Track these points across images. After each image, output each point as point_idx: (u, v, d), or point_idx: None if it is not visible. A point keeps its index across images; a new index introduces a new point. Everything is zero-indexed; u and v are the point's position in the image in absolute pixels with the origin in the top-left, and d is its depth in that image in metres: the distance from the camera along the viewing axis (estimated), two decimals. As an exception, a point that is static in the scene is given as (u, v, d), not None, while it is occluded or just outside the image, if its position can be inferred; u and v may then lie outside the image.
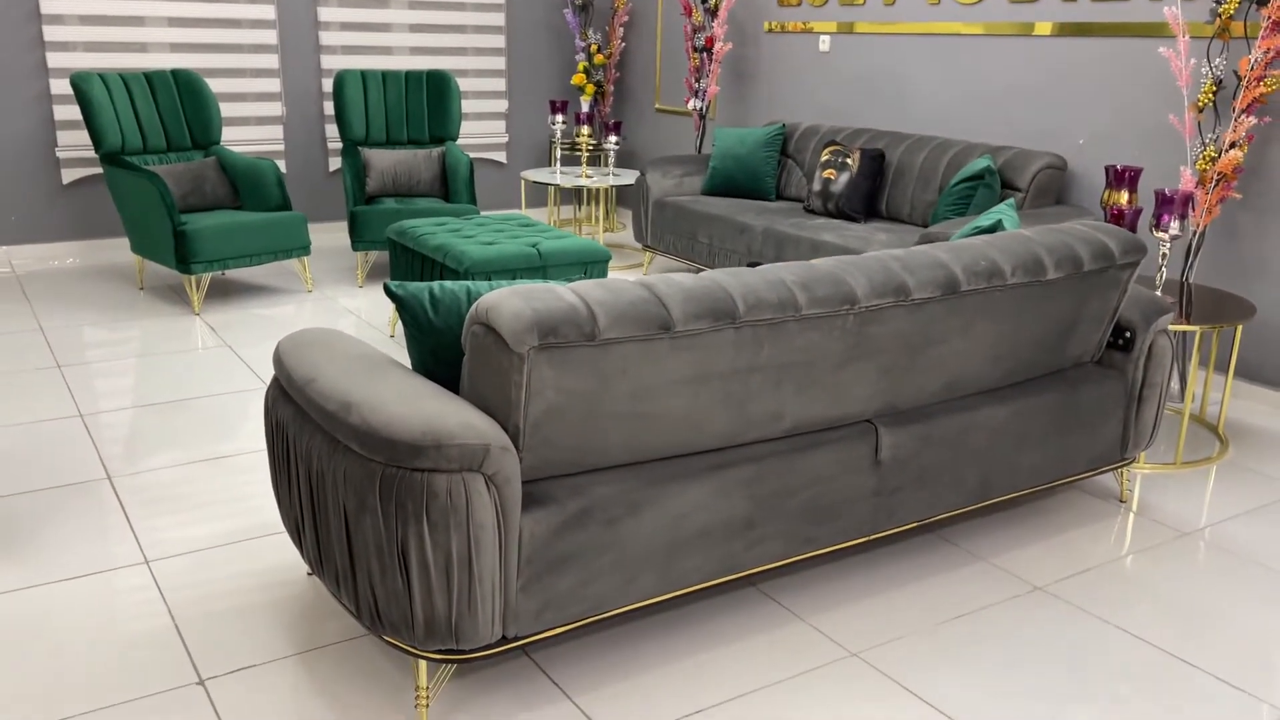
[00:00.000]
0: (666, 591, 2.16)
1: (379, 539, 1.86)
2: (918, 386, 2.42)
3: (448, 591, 1.86)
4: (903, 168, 4.83)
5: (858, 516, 2.39)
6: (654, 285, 2.01)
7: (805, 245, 4.56)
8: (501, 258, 3.81)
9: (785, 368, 2.15)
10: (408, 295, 2.12)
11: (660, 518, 2.08)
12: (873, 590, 2.51)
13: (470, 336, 1.94)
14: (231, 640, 2.25)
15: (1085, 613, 2.44)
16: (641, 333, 1.93)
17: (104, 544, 2.65)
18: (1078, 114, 4.35)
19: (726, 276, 2.10)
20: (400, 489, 1.81)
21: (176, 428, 3.41)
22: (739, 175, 5.42)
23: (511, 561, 1.92)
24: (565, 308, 1.88)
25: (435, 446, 1.79)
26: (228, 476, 3.06)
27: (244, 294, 5.09)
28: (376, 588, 1.90)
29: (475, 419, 1.86)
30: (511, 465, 1.87)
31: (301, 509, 2.13)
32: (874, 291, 2.20)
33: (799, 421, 2.26)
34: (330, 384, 2.00)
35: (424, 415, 1.84)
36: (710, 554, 2.18)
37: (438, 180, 5.56)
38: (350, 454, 1.89)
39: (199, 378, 3.89)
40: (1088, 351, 2.79)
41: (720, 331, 2.02)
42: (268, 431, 2.28)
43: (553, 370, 1.88)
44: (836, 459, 2.30)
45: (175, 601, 2.39)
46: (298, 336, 2.29)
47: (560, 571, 1.98)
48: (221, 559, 2.59)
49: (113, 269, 5.51)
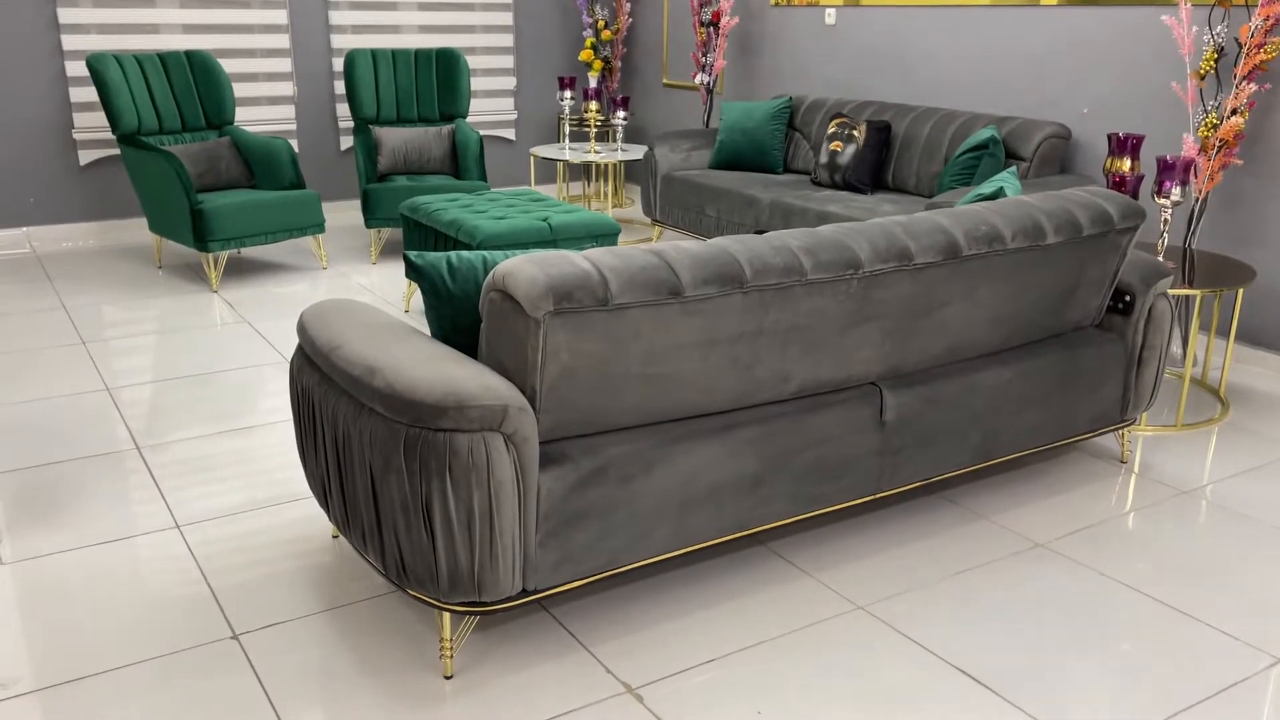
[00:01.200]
0: (679, 547, 2.24)
1: (404, 496, 1.95)
2: (921, 349, 2.49)
3: (470, 545, 1.95)
4: (909, 139, 4.88)
5: (863, 475, 2.47)
6: (663, 252, 2.08)
7: (812, 217, 4.62)
8: (513, 232, 3.88)
9: (791, 331, 2.22)
10: (426, 264, 2.19)
11: (672, 476, 2.16)
12: (878, 547, 2.60)
13: (488, 303, 2.02)
14: (262, 599, 2.35)
15: (1086, 568, 2.52)
16: (652, 297, 2.00)
17: (136, 510, 2.75)
18: (1081, 83, 4.39)
19: (733, 243, 2.17)
20: (424, 448, 1.90)
21: (200, 401, 3.51)
22: (746, 149, 5.47)
23: (530, 517, 2.01)
24: (579, 274, 1.96)
25: (457, 408, 1.87)
26: (252, 447, 3.16)
27: (260, 271, 5.18)
28: (402, 543, 1.99)
29: (494, 381, 1.94)
30: (529, 425, 1.95)
31: (328, 471, 2.22)
32: (877, 256, 2.27)
33: (805, 383, 2.34)
34: (355, 350, 2.08)
35: (446, 378, 1.92)
36: (720, 511, 2.27)
37: (448, 157, 5.63)
38: (375, 416, 1.98)
39: (219, 353, 3.99)
40: (1088, 315, 2.85)
41: (728, 296, 2.09)
42: (293, 398, 2.36)
43: (567, 334, 1.96)
44: (842, 419, 2.38)
45: (207, 564, 2.49)
46: (321, 305, 2.38)
47: (577, 526, 2.07)
48: (250, 525, 2.69)
49: (131, 248, 5.61)
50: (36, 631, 2.22)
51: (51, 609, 2.30)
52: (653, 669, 2.13)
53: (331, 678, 2.09)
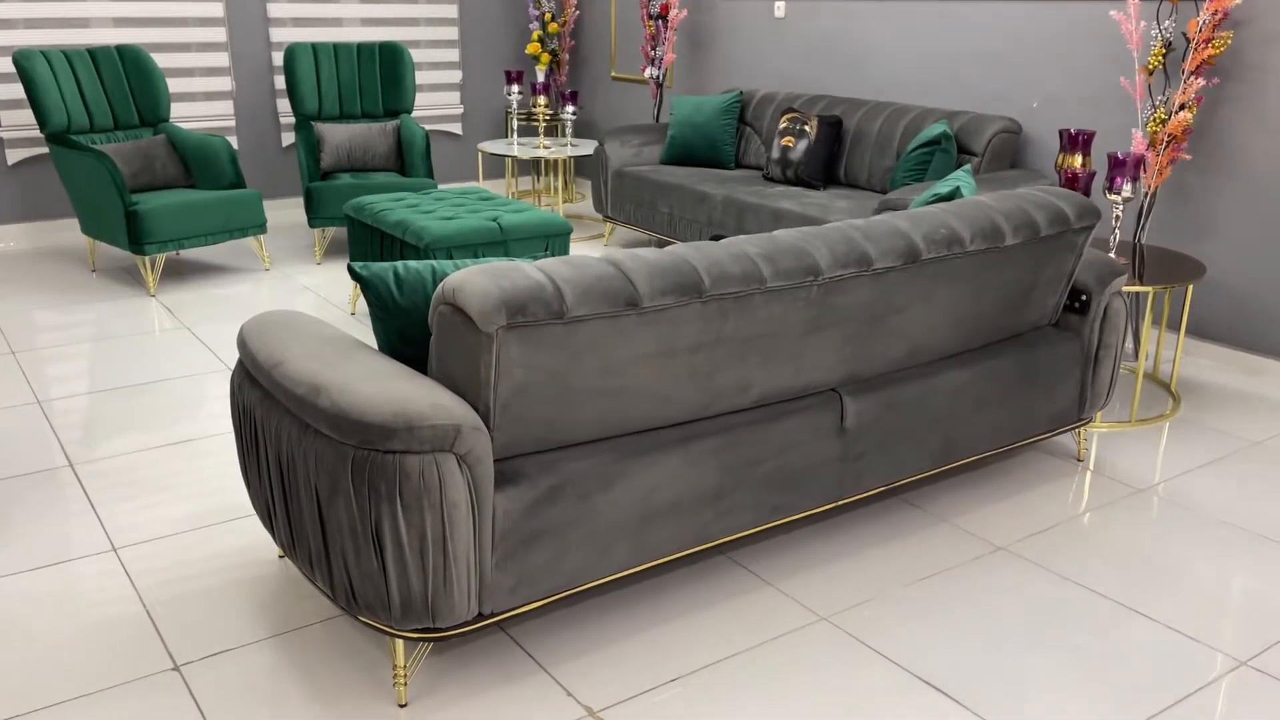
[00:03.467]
0: (639, 563, 2.18)
1: (352, 521, 1.86)
2: (880, 354, 2.45)
3: (423, 571, 1.87)
4: (860, 134, 4.86)
5: (824, 483, 2.43)
6: (620, 261, 2.02)
7: (765, 214, 4.58)
8: (462, 233, 3.79)
9: (751, 340, 2.17)
10: (372, 276, 2.11)
11: (632, 491, 2.10)
12: (840, 554, 2.56)
13: (437, 317, 1.94)
14: (205, 625, 2.25)
15: (1045, 570, 2.51)
16: (609, 309, 1.94)
17: (69, 532, 2.62)
18: (1031, 77, 4.40)
19: (691, 250, 2.11)
20: (372, 471, 1.82)
21: (136, 412, 3.38)
22: (698, 144, 5.42)
23: (485, 539, 1.93)
24: (532, 286, 1.88)
25: (407, 428, 1.80)
26: (191, 460, 3.04)
27: (200, 273, 5.02)
28: (351, 569, 1.91)
29: (445, 399, 1.87)
30: (483, 444, 1.88)
31: (272, 492, 2.13)
32: (837, 262, 2.22)
33: (766, 392, 2.29)
34: (298, 367, 1.99)
35: (394, 397, 1.84)
36: (681, 525, 2.21)
37: (393, 154, 5.50)
38: (321, 437, 1.89)
39: (157, 361, 3.85)
40: (1045, 315, 2.84)
41: (687, 306, 2.03)
42: (234, 415, 2.26)
43: (521, 349, 1.89)
44: (802, 427, 2.34)
45: (145, 588, 2.38)
46: (262, 318, 2.28)
47: (534, 547, 2.00)
48: (189, 543, 2.58)
49: (63, 251, 5.41)
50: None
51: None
52: (615, 690, 2.07)
53: (280, 709, 2.00)
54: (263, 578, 2.43)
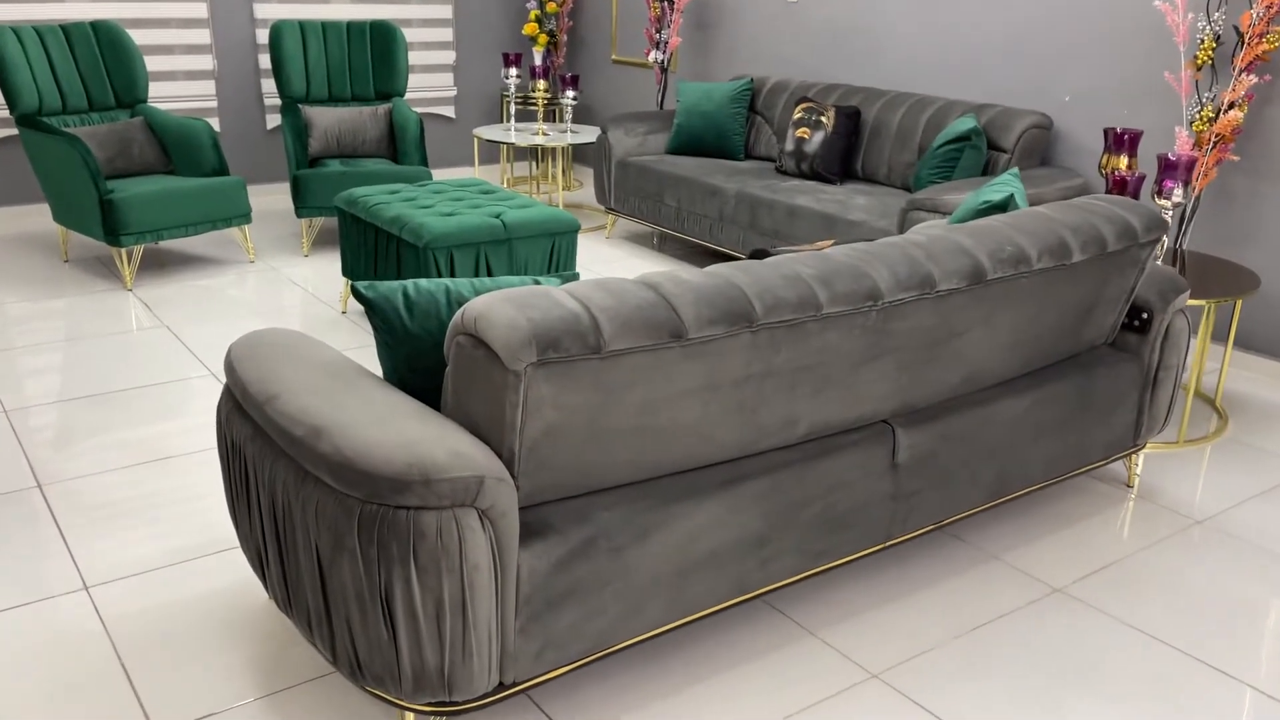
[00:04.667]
0: (673, 621, 1.96)
1: (359, 584, 1.63)
2: (936, 381, 2.23)
3: (439, 640, 1.64)
4: (879, 126, 4.62)
5: (873, 524, 2.21)
6: (661, 286, 1.78)
7: (780, 209, 4.34)
8: (463, 230, 3.54)
9: (801, 370, 1.94)
10: (379, 297, 1.86)
11: (669, 542, 1.88)
12: (887, 599, 2.35)
13: (455, 348, 1.70)
14: (187, 683, 2.01)
15: (1106, 615, 2.30)
16: (651, 341, 1.71)
17: (37, 567, 2.38)
18: (1064, 69, 4.17)
19: (739, 273, 1.88)
20: (382, 529, 1.58)
21: (112, 424, 3.12)
22: (706, 133, 5.17)
23: (509, 602, 1.71)
24: (566, 316, 1.65)
25: (423, 481, 1.56)
26: (172, 480, 2.79)
27: (181, 265, 4.75)
28: (357, 637, 1.68)
29: (465, 445, 1.63)
30: (508, 497, 1.65)
31: (264, 540, 1.89)
32: (898, 285, 1.99)
33: (814, 426, 2.06)
34: (295, 402, 1.75)
35: (407, 443, 1.60)
36: (721, 576, 1.99)
37: (385, 139, 5.23)
38: (322, 486, 1.65)
39: (134, 364, 3.58)
40: (1102, 334, 2.63)
41: (735, 336, 1.80)
42: (221, 449, 2.02)
43: (552, 387, 1.65)
44: (852, 464, 2.12)
45: (120, 635, 2.14)
46: (253, 340, 2.03)
47: (561, 608, 1.78)
48: (170, 580, 2.34)
49: (34, 238, 5.11)
50: (-88, 736, 1.86)
51: (-68, 704, 1.94)
52: (649, 765, 1.85)
53: (273, 789, 1.77)
54: (252, 621, 2.19)
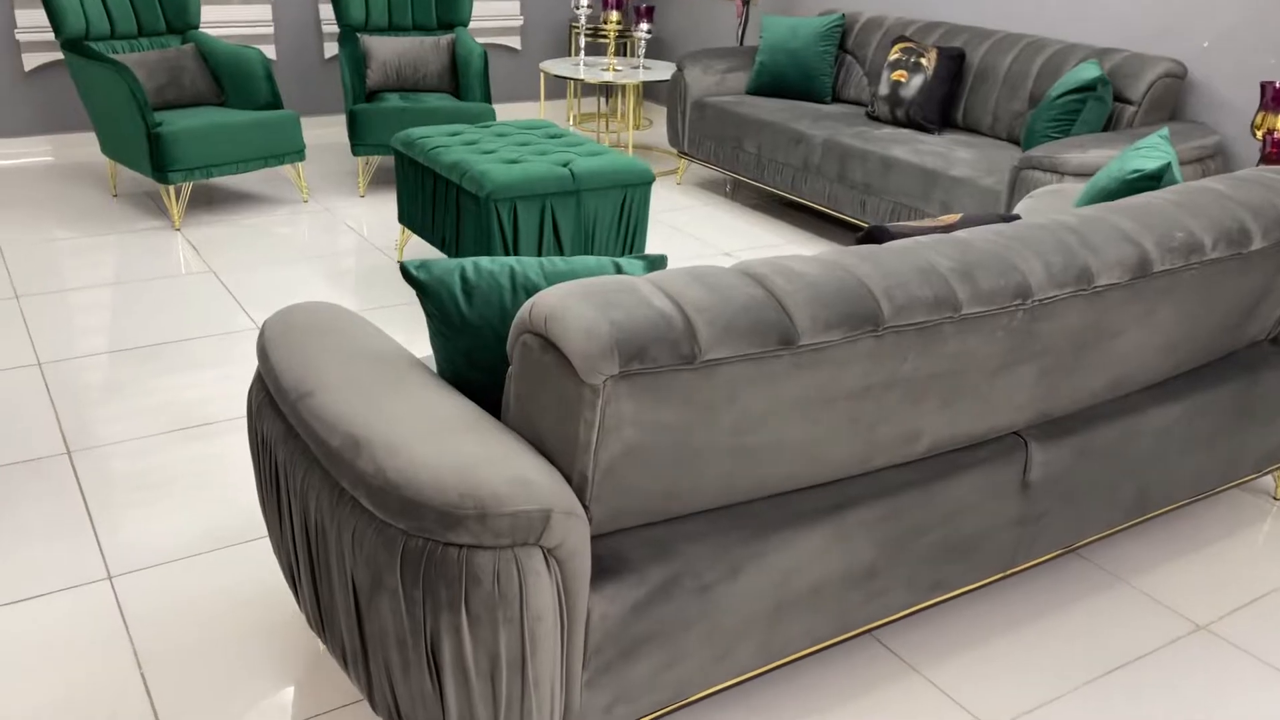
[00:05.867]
0: (765, 665, 1.69)
1: (400, 629, 1.37)
2: (1078, 388, 1.90)
3: (492, 701, 1.38)
4: (986, 70, 4.19)
5: (995, 551, 1.91)
6: (769, 280, 1.47)
7: (873, 161, 3.96)
8: (528, 180, 3.23)
9: (930, 380, 1.63)
10: (433, 281, 1.58)
11: (765, 577, 1.60)
12: (1003, 630, 2.05)
13: (521, 349, 1.41)
14: (212, 705, 1.80)
15: (1262, 663, 1.99)
16: (756, 348, 1.40)
17: (60, 551, 2.17)
18: (1202, 9, 3.70)
19: (861, 263, 1.56)
20: (429, 569, 1.32)
21: (150, 381, 2.91)
22: (790, 73, 4.76)
23: (576, 654, 1.44)
24: (655, 320, 1.35)
25: (478, 516, 1.29)
26: (210, 450, 2.57)
27: (230, 204, 4.51)
28: (397, 685, 1.43)
29: (530, 471, 1.35)
30: (579, 534, 1.37)
31: (296, 555, 1.64)
32: (1051, 280, 1.66)
33: (937, 442, 1.75)
34: (333, 404, 1.48)
35: (461, 466, 1.33)
36: (821, 614, 1.71)
37: (447, 73, 4.91)
38: (361, 510, 1.39)
39: (177, 314, 3.37)
40: (1265, 329, 2.26)
41: (856, 342, 1.49)
42: (252, 441, 1.77)
43: (635, 403, 1.36)
44: (977, 485, 1.81)
45: (144, 642, 1.93)
46: (289, 318, 1.76)
47: (636, 657, 1.51)
48: (200, 572, 2.12)
49: (85, 169, 4.91)
50: (-92, 755, 1.67)
51: (-67, 715, 1.75)
52: (732, 834, 1.60)
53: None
54: (283, 630, 1.97)
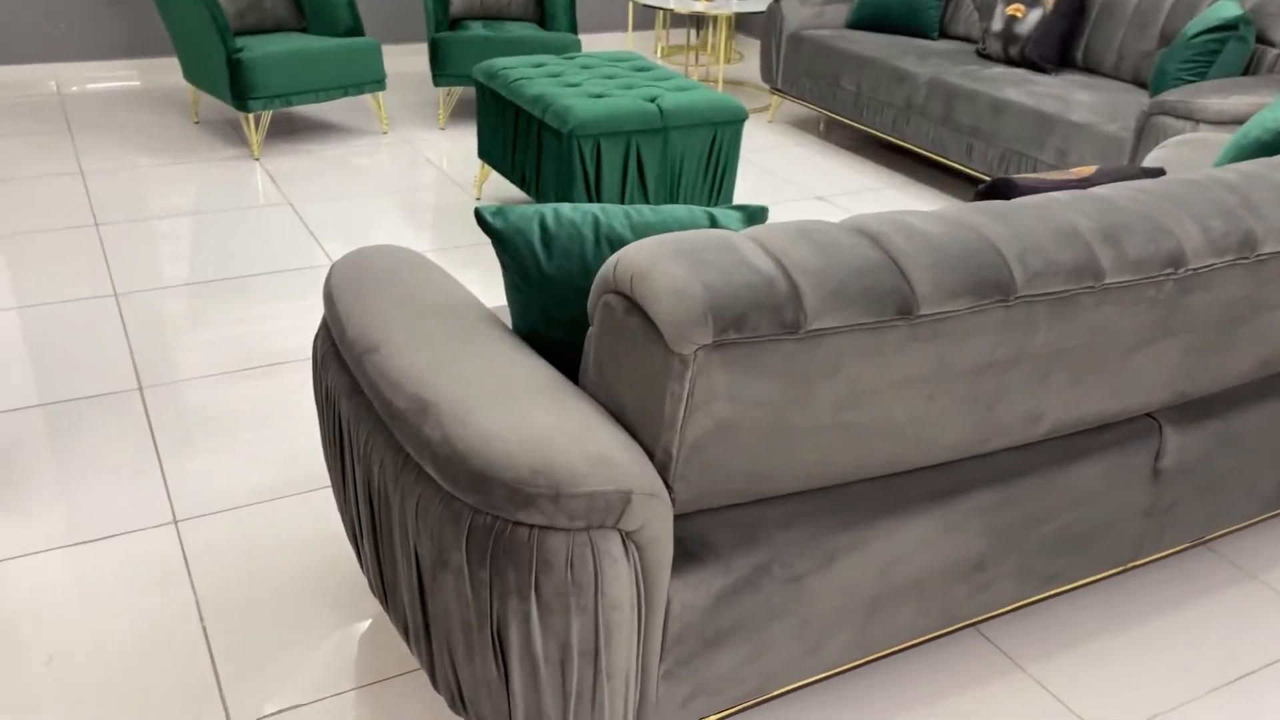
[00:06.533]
0: (857, 659, 1.55)
1: (464, 611, 1.27)
2: (1223, 367, 1.69)
3: (562, 692, 1.27)
4: (1111, 5, 3.86)
5: (1118, 543, 1.73)
6: (886, 239, 1.30)
7: (983, 103, 3.69)
8: (614, 116, 3.06)
9: (1061, 355, 1.44)
10: (509, 229, 1.44)
11: (862, 568, 1.45)
12: (1118, 626, 1.88)
13: (603, 309, 1.27)
14: (274, 660, 1.73)
15: None
16: (870, 318, 1.24)
17: (124, 492, 2.12)
18: (1366, -59, 3.32)
19: (990, 221, 1.37)
20: (497, 549, 1.20)
21: (225, 318, 2.85)
22: (895, 6, 4.47)
23: (653, 645, 1.32)
24: (755, 282, 1.19)
25: (551, 495, 1.16)
26: (283, 391, 2.50)
27: (310, 133, 4.43)
28: (460, 669, 1.33)
29: (610, 446, 1.22)
30: (661, 518, 1.24)
31: (359, 518, 1.55)
32: (1209, 246, 1.45)
33: (1061, 423, 1.57)
34: (399, 362, 1.36)
35: (535, 439, 1.20)
36: (921, 607, 1.56)
37: (532, 1, 4.72)
38: (426, 479, 1.28)
39: (255, 246, 3.30)
40: None
41: (984, 312, 1.31)
42: (317, 392, 1.67)
43: (729, 375, 1.21)
44: (1104, 471, 1.62)
45: (207, 594, 1.87)
46: (358, 262, 1.65)
47: (719, 649, 1.38)
48: (267, 521, 2.05)
49: (169, 94, 4.87)
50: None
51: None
52: (815, 840, 1.48)
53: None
54: (350, 587, 1.89)
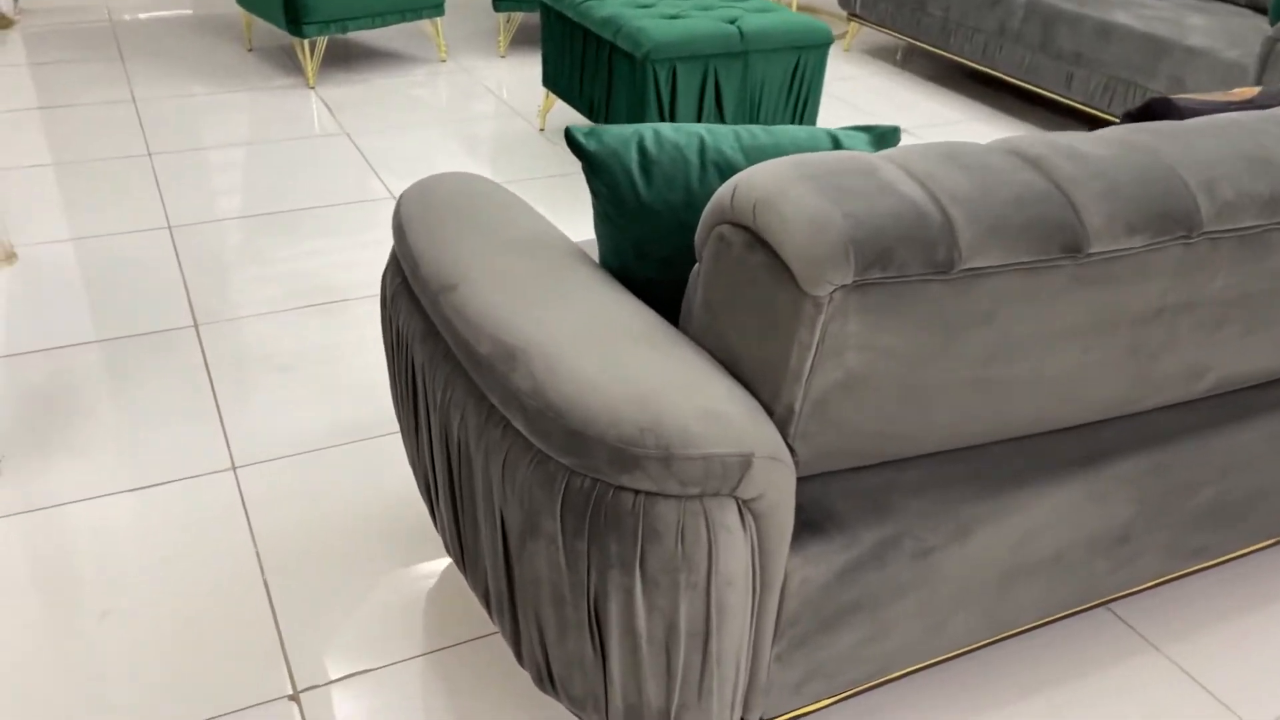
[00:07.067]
0: (984, 639, 1.39)
1: (558, 583, 1.12)
2: None
3: (666, 676, 1.13)
4: (1230, -82, 3.54)
5: (1272, 514, 1.54)
6: (1048, 162, 1.11)
7: (1087, 27, 3.42)
8: (691, 39, 2.86)
9: (1238, 301, 1.25)
10: (604, 152, 1.27)
11: (998, 541, 1.28)
12: (1262, 602, 1.70)
13: (716, 244, 1.10)
14: (340, 618, 1.62)
15: None
16: (1031, 256, 1.06)
17: (180, 434, 2.02)
18: None
19: (1166, 143, 1.17)
20: (597, 517, 1.05)
21: (282, 250, 2.72)
22: (985, -78, 4.16)
23: (767, 625, 1.17)
24: (904, 213, 1.02)
25: (661, 458, 1.01)
26: (343, 329, 2.38)
27: (366, 61, 4.26)
28: (550, 646, 1.19)
29: (726, 401, 1.06)
30: (783, 484, 1.08)
31: (434, 473, 1.41)
32: None
33: (1226, 378, 1.38)
34: (481, 301, 1.21)
35: (641, 392, 1.04)
36: (1057, 583, 1.39)
37: (597, -80, 4.47)
38: (514, 435, 1.13)
39: (310, 178, 3.16)
40: None
41: (1161, 250, 1.12)
42: (386, 335, 1.53)
43: (866, 321, 1.04)
44: (1269, 432, 1.44)
45: (267, 543, 1.76)
46: (429, 190, 1.49)
47: (838, 629, 1.23)
48: (329, 467, 1.93)
49: (222, 22, 4.72)
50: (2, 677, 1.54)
51: (27, 616, 1.61)
52: (934, 836, 1.33)
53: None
54: (419, 543, 1.77)
